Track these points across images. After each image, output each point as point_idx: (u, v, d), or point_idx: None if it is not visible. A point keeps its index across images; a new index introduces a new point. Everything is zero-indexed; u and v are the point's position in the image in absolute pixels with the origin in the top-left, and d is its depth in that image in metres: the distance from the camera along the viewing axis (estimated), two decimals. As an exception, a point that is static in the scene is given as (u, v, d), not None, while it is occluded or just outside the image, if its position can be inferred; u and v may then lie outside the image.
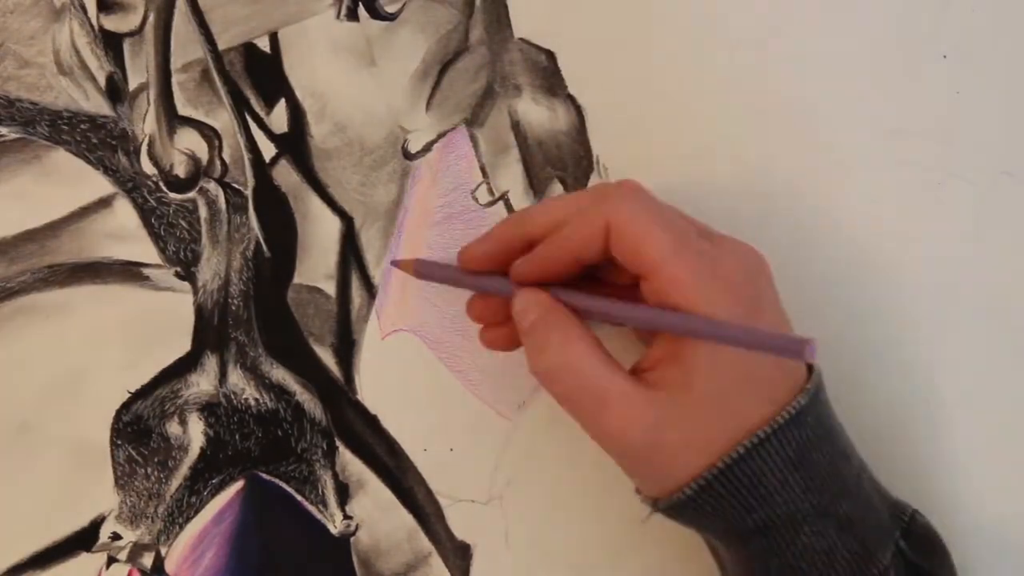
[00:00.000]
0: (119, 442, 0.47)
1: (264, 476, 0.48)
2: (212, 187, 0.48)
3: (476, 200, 0.48)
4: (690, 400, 0.39)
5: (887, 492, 0.42)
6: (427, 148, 0.48)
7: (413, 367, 0.48)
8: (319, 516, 0.48)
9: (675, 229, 0.40)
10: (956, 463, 0.47)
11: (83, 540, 0.47)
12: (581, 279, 0.43)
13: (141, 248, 0.48)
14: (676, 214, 0.42)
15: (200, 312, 0.48)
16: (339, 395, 0.48)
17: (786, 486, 0.38)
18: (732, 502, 0.39)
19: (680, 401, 0.39)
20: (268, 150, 0.48)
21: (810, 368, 0.41)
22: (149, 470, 0.47)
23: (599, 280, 0.44)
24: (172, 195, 0.48)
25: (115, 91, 0.47)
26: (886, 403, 0.47)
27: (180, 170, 0.48)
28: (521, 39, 0.48)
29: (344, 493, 0.48)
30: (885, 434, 0.47)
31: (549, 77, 0.48)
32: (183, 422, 0.47)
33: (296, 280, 0.48)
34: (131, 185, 0.48)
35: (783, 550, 0.39)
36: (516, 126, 0.48)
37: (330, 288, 0.48)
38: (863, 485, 0.41)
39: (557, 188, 0.48)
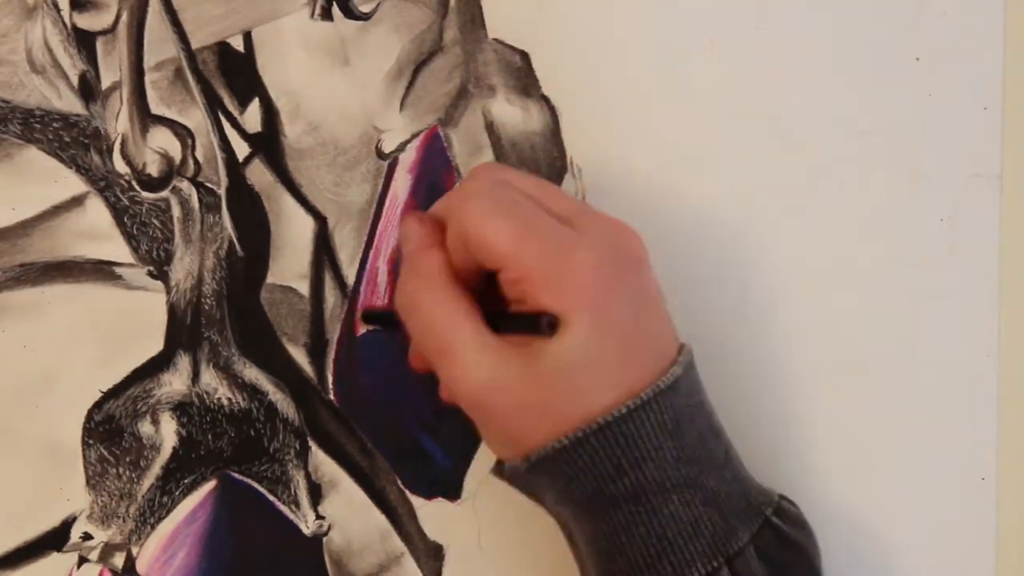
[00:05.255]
0: (91, 442, 0.47)
1: (236, 476, 0.47)
2: (185, 186, 0.48)
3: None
4: (548, 361, 0.38)
5: (752, 477, 0.42)
6: (401, 148, 0.48)
7: (386, 367, 0.48)
8: (291, 516, 0.48)
9: (520, 217, 0.39)
10: (955, 467, 0.48)
11: (54, 540, 0.47)
12: None
13: (113, 247, 0.48)
14: (528, 197, 0.40)
15: (173, 311, 0.48)
16: (312, 395, 0.48)
17: (659, 452, 0.38)
18: (606, 462, 0.38)
19: (533, 361, 0.38)
20: (242, 149, 0.48)
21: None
22: (121, 470, 0.47)
23: None
24: (145, 194, 0.48)
25: (88, 89, 0.47)
26: (865, 403, 0.48)
27: (153, 169, 0.48)
28: (495, 39, 0.48)
29: (317, 493, 0.48)
30: (865, 434, 0.47)
31: (523, 78, 0.48)
32: (155, 422, 0.47)
33: (269, 280, 0.48)
34: (104, 184, 0.48)
35: (650, 518, 0.38)
36: (490, 126, 0.48)
37: (303, 288, 0.48)
38: (730, 464, 0.41)
39: (531, 188, 0.48)
